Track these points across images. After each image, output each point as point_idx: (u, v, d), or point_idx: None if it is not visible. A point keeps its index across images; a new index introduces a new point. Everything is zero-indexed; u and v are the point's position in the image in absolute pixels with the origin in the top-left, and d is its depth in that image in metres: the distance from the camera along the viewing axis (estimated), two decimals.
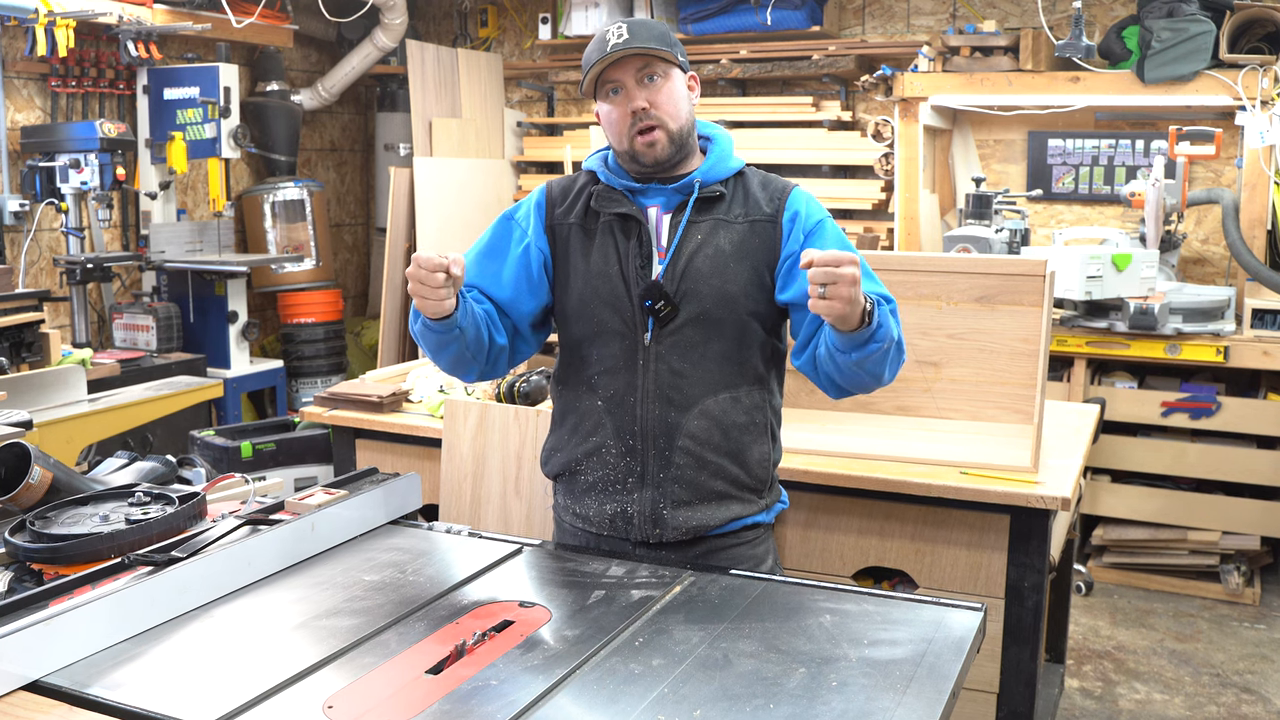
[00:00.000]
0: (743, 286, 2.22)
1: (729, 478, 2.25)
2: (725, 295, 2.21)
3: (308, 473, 4.02)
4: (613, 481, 2.27)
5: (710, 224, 2.24)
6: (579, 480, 2.32)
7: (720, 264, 2.21)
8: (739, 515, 2.27)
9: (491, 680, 1.62)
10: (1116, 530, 4.86)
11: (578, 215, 2.31)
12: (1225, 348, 4.53)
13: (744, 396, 2.25)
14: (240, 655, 1.70)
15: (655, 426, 2.22)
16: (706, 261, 2.21)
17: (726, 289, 2.21)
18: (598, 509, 2.29)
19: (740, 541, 2.29)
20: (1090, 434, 3.17)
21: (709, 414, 2.22)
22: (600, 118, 2.26)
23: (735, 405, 2.24)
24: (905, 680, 1.63)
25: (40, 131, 5.13)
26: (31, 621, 1.62)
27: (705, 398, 2.22)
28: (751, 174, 2.32)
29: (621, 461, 2.26)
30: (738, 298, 2.21)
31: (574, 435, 2.31)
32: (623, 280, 2.24)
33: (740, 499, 2.27)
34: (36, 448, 2.18)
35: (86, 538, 1.95)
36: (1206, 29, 4.65)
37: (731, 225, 2.24)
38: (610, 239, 2.26)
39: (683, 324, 2.20)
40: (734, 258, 2.22)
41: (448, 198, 6.05)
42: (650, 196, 2.27)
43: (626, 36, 2.17)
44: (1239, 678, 4.02)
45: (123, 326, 5.31)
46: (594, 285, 2.26)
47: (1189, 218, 5.30)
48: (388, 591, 1.94)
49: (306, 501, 2.17)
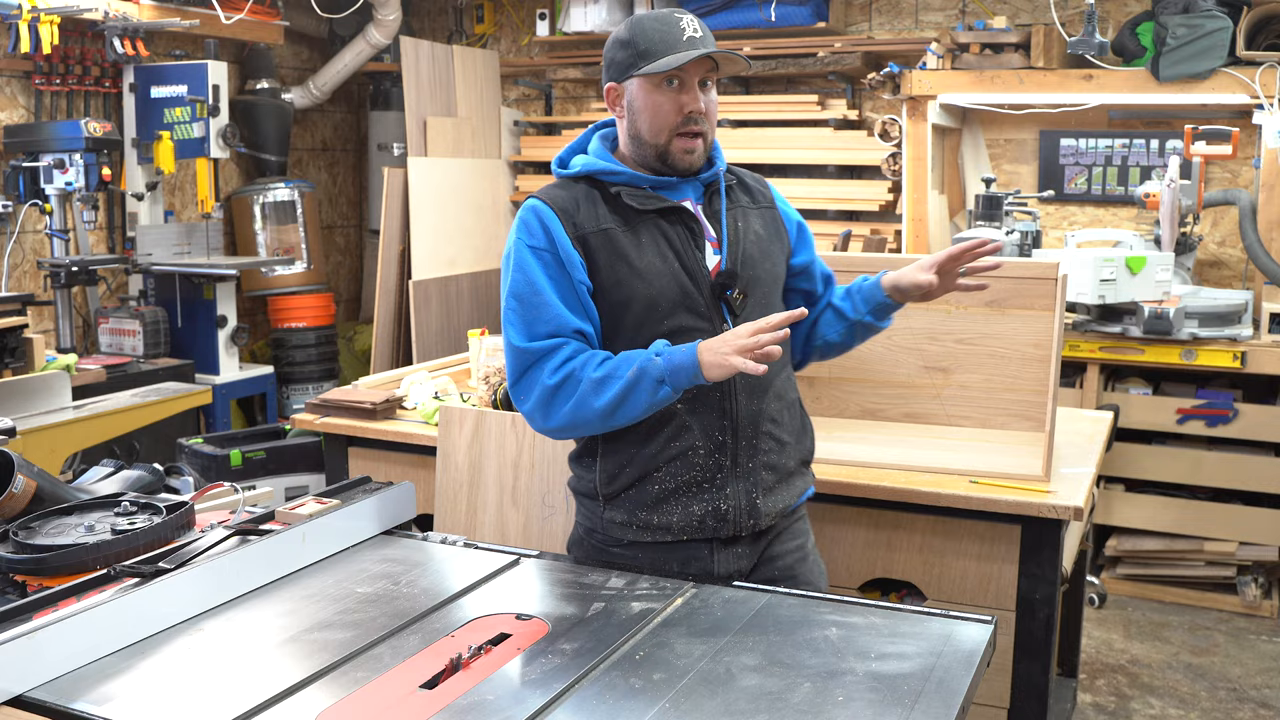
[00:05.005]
0: (780, 267, 2.35)
1: (799, 455, 2.34)
2: (774, 276, 2.32)
3: (299, 482, 4.06)
4: (699, 482, 2.21)
5: (740, 211, 2.31)
6: (651, 490, 2.22)
7: (764, 247, 2.30)
8: (804, 488, 2.38)
9: (488, 695, 1.60)
10: (1130, 541, 4.83)
11: (608, 219, 2.20)
12: (1242, 353, 4.49)
13: (791, 373, 2.38)
14: (229, 669, 1.69)
15: (743, 417, 2.22)
16: (754, 246, 2.28)
17: (775, 270, 2.32)
18: (683, 513, 2.21)
19: (798, 516, 2.39)
20: (1103, 442, 3.15)
21: (780, 395, 2.29)
22: (635, 102, 2.20)
23: (789, 382, 2.34)
24: (913, 695, 1.61)
25: (24, 131, 5.10)
26: (15, 635, 1.61)
27: (774, 379, 2.27)
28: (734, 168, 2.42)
29: (710, 460, 2.20)
30: (780, 278, 2.35)
31: (648, 445, 2.20)
32: (687, 275, 2.18)
33: (803, 473, 2.37)
34: (20, 456, 2.16)
35: (71, 549, 1.95)
36: (1223, 25, 4.62)
37: (751, 211, 2.34)
38: (658, 236, 2.20)
39: (751, 309, 2.21)
40: (769, 240, 2.33)
41: (443, 199, 6.01)
42: (678, 190, 2.25)
43: (703, 34, 2.18)
44: (1256, 692, 3.99)
45: (108, 331, 5.27)
46: (658, 286, 2.17)
47: (1205, 219, 5.27)
48: (381, 604, 1.93)
49: (297, 511, 2.15)
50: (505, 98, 6.78)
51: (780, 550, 2.32)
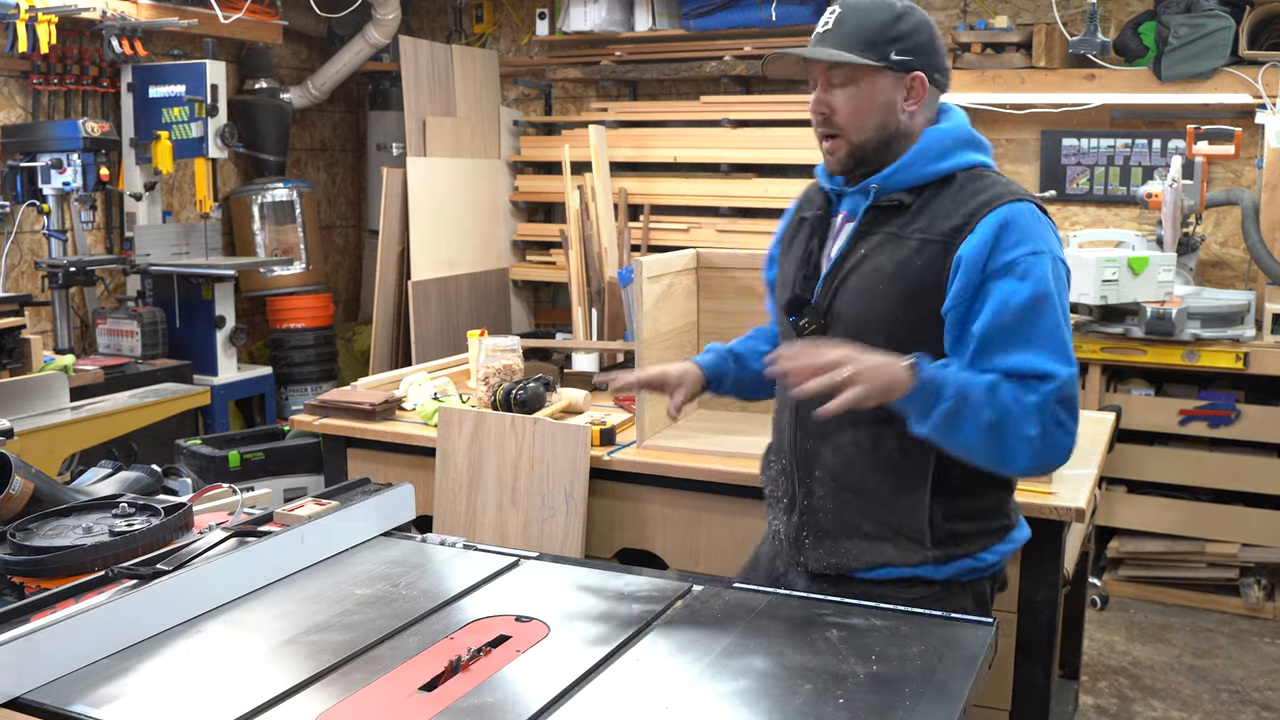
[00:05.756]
0: (889, 312, 1.97)
1: (877, 519, 2.05)
2: (866, 319, 1.98)
3: (297, 483, 4.02)
4: (775, 496, 2.20)
5: (882, 238, 2.00)
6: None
7: (873, 284, 1.98)
8: (890, 561, 2.05)
9: (487, 697, 1.59)
10: (1132, 542, 4.82)
11: (793, 216, 2.22)
12: (1245, 354, 4.48)
13: (891, 435, 2.00)
14: (227, 672, 1.68)
15: (797, 451, 2.12)
16: (861, 280, 1.99)
17: (870, 312, 1.98)
18: (770, 519, 2.24)
19: (884, 593, 2.02)
20: (1105, 443, 3.14)
21: (842, 450, 2.05)
22: None
23: (877, 443, 2.02)
24: (914, 697, 1.60)
25: (21, 130, 5.07)
26: (12, 636, 1.60)
27: (840, 432, 2.04)
28: (967, 180, 2.00)
29: (781, 477, 2.17)
30: (879, 322, 1.98)
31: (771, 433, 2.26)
32: (792, 289, 2.10)
33: (893, 543, 2.04)
34: (17, 457, 2.16)
35: (69, 550, 1.94)
36: (1225, 25, 4.62)
37: (903, 242, 1.97)
38: (801, 243, 2.12)
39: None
40: (889, 279, 1.97)
41: (442, 199, 5.98)
42: (845, 199, 2.09)
43: (830, 26, 1.98)
44: (1259, 694, 3.98)
45: (106, 332, 5.24)
46: (780, 291, 2.17)
47: (1207, 219, 5.25)
48: (380, 606, 1.91)
49: (296, 513, 2.14)
50: (505, 97, 6.75)
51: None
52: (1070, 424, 1.89)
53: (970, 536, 2.06)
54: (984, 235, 1.91)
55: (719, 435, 3.02)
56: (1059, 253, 1.95)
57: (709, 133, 5.96)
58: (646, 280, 2.97)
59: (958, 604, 2.02)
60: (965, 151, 2.02)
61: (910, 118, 2.01)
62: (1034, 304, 1.87)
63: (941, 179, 2.00)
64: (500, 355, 3.32)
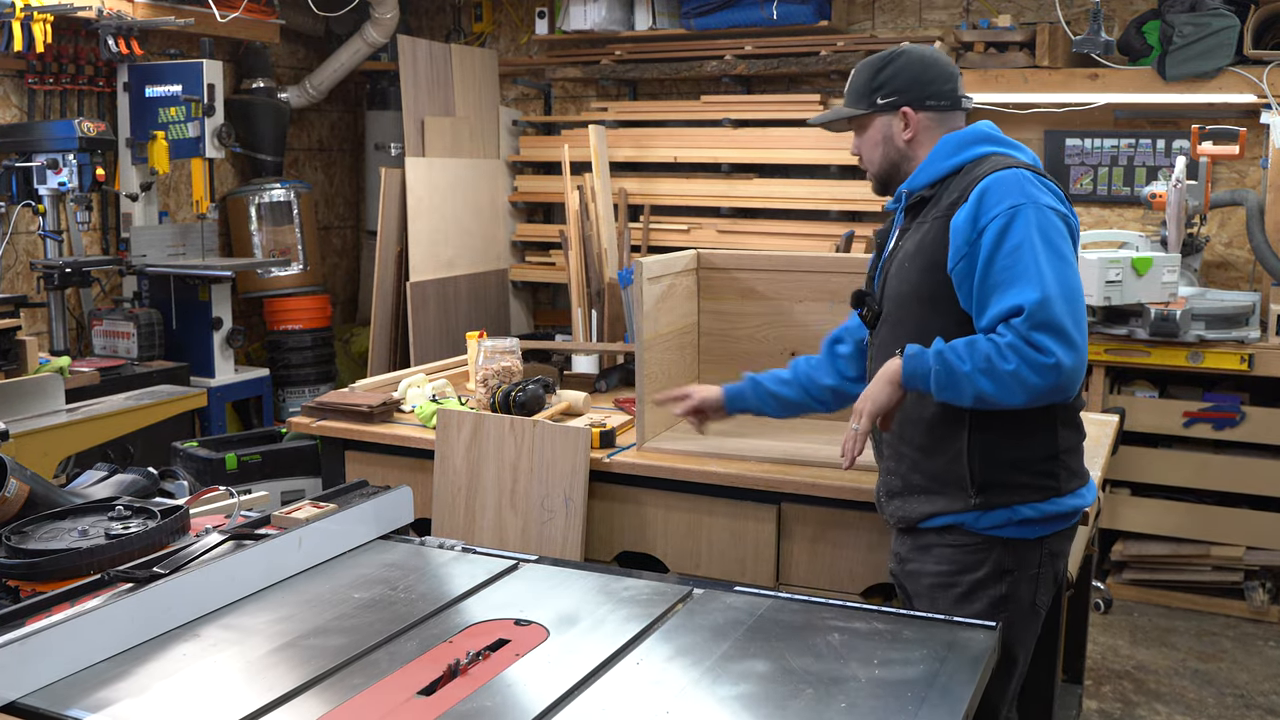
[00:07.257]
0: (914, 285, 2.29)
1: (926, 472, 2.31)
2: (900, 297, 2.32)
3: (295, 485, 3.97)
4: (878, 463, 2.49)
5: (912, 230, 2.33)
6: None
7: (901, 266, 2.32)
8: (940, 510, 2.29)
9: (486, 702, 1.60)
10: (1136, 545, 4.82)
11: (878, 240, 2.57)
12: (1250, 355, 4.48)
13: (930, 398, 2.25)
14: (224, 676, 1.69)
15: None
16: (896, 267, 2.34)
17: (901, 290, 2.31)
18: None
19: (942, 543, 2.31)
20: (1109, 445, 3.15)
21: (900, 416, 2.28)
22: None
23: (922, 405, 2.26)
24: (917, 701, 1.60)
25: (17, 130, 5.06)
26: (7, 640, 1.61)
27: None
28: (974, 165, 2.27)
29: (874, 446, 2.48)
30: (910, 297, 2.30)
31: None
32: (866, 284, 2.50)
33: (944, 494, 2.29)
34: (12, 459, 2.17)
35: (65, 553, 1.95)
36: (1230, 24, 4.62)
37: (923, 226, 2.30)
38: (873, 257, 2.49)
39: (881, 331, 2.38)
40: (911, 257, 2.30)
41: (441, 199, 5.97)
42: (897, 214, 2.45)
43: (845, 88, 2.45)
44: (1264, 699, 3.98)
45: (102, 333, 5.21)
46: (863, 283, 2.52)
47: (1212, 220, 5.25)
48: (378, 609, 1.92)
49: (293, 515, 2.16)
50: (504, 97, 6.74)
51: (914, 569, 2.38)
52: (1052, 344, 2.04)
53: (1010, 487, 2.24)
54: (971, 202, 2.18)
55: (719, 438, 3.01)
56: (1046, 201, 2.16)
57: (709, 133, 5.94)
58: (647, 281, 2.97)
59: (998, 562, 2.25)
60: (976, 147, 2.30)
61: (910, 144, 2.35)
62: (1010, 252, 2.10)
63: (954, 171, 2.29)
64: (499, 357, 3.32)
